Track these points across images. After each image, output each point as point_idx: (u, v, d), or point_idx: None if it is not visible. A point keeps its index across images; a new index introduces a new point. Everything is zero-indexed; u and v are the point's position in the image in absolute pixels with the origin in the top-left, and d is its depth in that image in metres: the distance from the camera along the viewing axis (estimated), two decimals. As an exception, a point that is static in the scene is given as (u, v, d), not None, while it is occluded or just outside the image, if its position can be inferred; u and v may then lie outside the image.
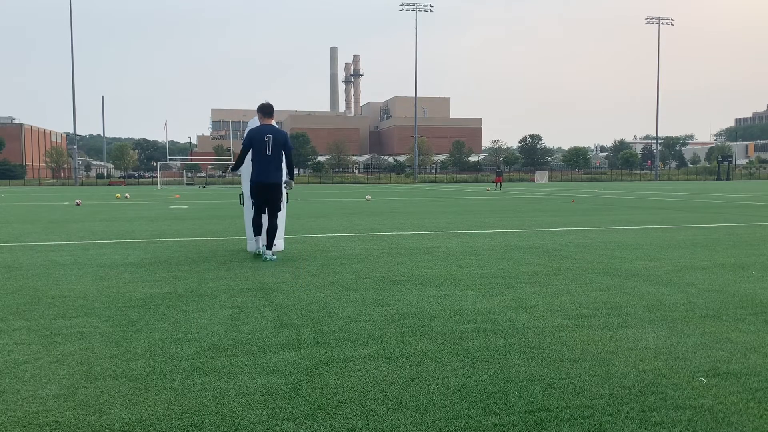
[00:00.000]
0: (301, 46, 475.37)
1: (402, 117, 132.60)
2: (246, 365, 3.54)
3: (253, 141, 7.87)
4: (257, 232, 8.15)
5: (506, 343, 3.95)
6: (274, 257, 7.81)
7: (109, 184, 78.08)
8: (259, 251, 7.94)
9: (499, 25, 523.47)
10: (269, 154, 7.82)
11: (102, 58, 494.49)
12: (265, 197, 7.95)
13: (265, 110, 8.01)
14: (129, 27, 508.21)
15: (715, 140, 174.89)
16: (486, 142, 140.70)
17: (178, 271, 6.90)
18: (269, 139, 7.82)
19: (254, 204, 8.08)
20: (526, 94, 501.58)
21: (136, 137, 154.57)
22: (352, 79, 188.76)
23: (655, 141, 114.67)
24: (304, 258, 7.97)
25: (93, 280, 6.40)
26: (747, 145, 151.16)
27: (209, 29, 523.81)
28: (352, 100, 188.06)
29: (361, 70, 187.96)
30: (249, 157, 8.16)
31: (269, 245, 7.86)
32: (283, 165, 8.14)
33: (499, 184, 46.03)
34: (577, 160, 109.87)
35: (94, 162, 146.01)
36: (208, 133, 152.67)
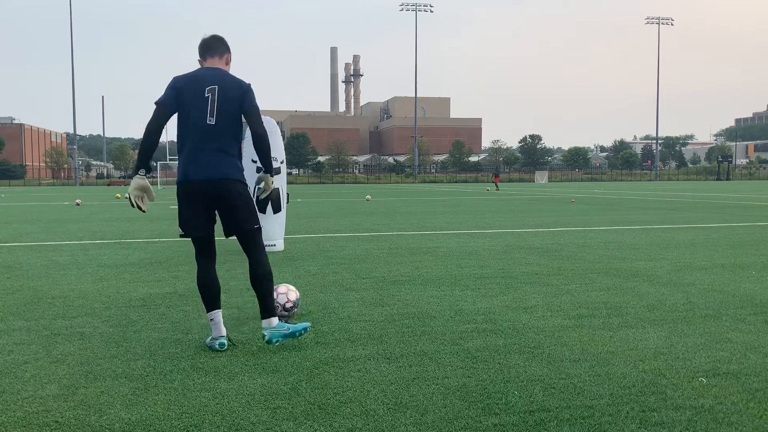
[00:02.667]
0: (301, 46, 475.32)
1: (402, 117, 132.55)
2: (246, 365, 3.54)
3: (182, 98, 3.88)
4: (209, 300, 3.97)
5: (506, 343, 3.95)
6: (279, 338, 3.86)
7: (109, 184, 78.06)
8: (219, 341, 3.88)
9: (499, 25, 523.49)
10: (212, 124, 3.85)
11: (102, 58, 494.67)
12: (206, 213, 3.93)
13: (205, 46, 4.09)
14: (129, 27, 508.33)
15: (715, 140, 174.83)
16: (486, 142, 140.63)
17: (178, 271, 6.89)
18: (212, 95, 3.87)
19: (189, 234, 3.98)
20: (526, 94, 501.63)
21: (136, 137, 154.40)
22: (352, 79, 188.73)
23: (655, 141, 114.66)
24: (304, 258, 7.97)
25: (93, 280, 6.40)
26: (747, 145, 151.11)
27: (209, 29, 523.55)
28: (352, 100, 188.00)
29: (361, 70, 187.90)
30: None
31: (268, 309, 3.91)
32: (248, 147, 4.43)
33: (497, 184, 46.05)
34: (577, 160, 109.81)
35: (94, 162, 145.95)
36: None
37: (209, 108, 3.86)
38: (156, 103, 3.88)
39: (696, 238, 10.09)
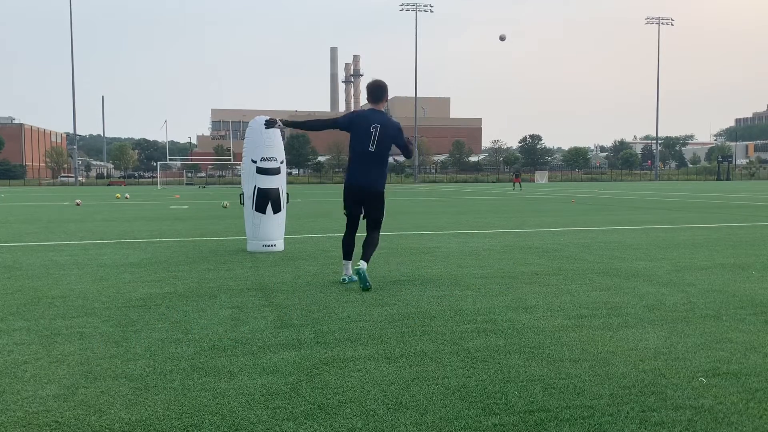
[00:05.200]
0: (301, 46, 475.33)
1: (402, 117, 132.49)
2: (246, 365, 3.53)
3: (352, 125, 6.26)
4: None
5: (506, 343, 3.95)
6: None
7: (109, 184, 78.02)
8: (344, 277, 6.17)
9: (498, 25, 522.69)
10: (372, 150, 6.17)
11: (102, 58, 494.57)
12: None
13: (368, 91, 6.39)
14: (129, 27, 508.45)
15: (715, 140, 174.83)
16: (486, 142, 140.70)
17: (178, 271, 6.90)
18: (375, 131, 6.10)
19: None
20: (526, 94, 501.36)
21: (136, 137, 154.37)
22: (352, 79, 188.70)
23: (655, 141, 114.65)
24: (304, 258, 7.97)
25: (93, 280, 6.40)
26: (747, 145, 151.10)
27: (209, 29, 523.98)
28: (352, 100, 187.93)
29: (361, 70, 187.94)
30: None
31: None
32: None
33: (518, 184, 45.84)
34: (577, 160, 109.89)
35: (94, 162, 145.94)
36: (208, 133, 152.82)
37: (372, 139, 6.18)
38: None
39: (696, 238, 10.09)
